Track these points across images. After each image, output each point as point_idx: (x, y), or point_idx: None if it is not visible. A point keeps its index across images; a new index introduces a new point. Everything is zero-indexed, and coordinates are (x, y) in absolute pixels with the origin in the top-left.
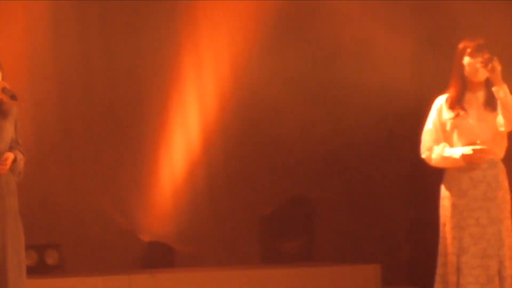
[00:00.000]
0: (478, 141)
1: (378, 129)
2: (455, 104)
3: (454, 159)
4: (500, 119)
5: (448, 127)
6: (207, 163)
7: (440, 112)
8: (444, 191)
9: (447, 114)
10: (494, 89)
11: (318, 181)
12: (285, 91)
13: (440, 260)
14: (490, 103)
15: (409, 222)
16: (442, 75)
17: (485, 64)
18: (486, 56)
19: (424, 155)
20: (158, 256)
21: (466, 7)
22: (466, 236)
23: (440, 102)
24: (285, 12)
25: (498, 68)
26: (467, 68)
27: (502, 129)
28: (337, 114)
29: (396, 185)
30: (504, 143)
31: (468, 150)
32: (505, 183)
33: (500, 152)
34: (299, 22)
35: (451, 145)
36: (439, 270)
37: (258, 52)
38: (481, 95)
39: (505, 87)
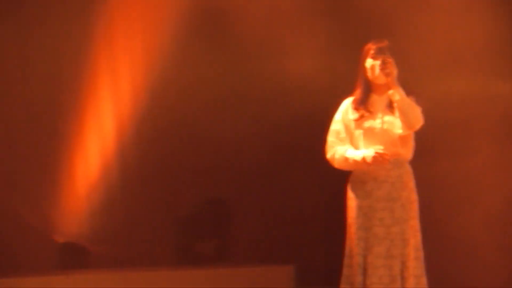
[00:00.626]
0: (382, 147)
1: (293, 129)
2: (360, 105)
3: (356, 161)
4: (398, 122)
5: (352, 128)
6: (121, 164)
7: (345, 113)
8: (349, 192)
9: (352, 116)
10: (390, 92)
11: (233, 182)
12: (201, 91)
13: (345, 261)
14: (392, 105)
15: (324, 223)
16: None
17: (382, 67)
18: (383, 59)
19: (328, 155)
20: (73, 257)
21: (379, 5)
22: (370, 236)
23: (346, 104)
24: (199, 10)
25: (394, 72)
26: (368, 71)
27: (399, 131)
28: (252, 115)
29: (311, 186)
30: (411, 144)
31: (369, 152)
32: (411, 184)
33: (406, 153)
34: (212, 21)
35: (356, 147)
36: (344, 271)
37: (173, 52)
38: (386, 97)
39: (400, 91)
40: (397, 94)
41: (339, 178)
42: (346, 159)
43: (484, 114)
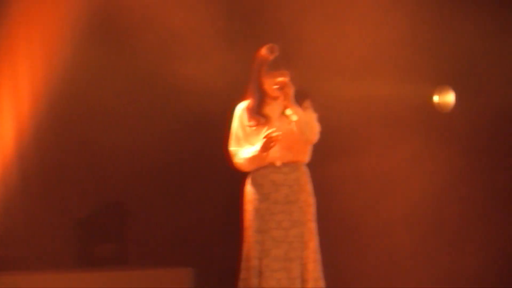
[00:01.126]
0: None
1: (191, 132)
2: (255, 111)
3: (255, 156)
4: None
5: (249, 133)
6: (21, 166)
7: (241, 119)
8: (246, 195)
9: (248, 122)
10: (287, 112)
11: (132, 185)
12: (99, 94)
13: (243, 264)
14: None
15: (222, 226)
16: None
17: (279, 88)
18: (280, 81)
19: (235, 162)
20: None
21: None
22: (268, 239)
23: (241, 109)
24: (97, 14)
25: (291, 92)
26: (264, 83)
27: (293, 142)
28: (151, 118)
29: (209, 189)
30: (308, 148)
31: (261, 144)
32: (308, 186)
33: (303, 156)
34: (111, 24)
35: None
36: (242, 274)
37: (71, 55)
38: (280, 102)
39: (298, 110)
40: (294, 115)
41: (237, 181)
42: (247, 159)
43: (394, 114)
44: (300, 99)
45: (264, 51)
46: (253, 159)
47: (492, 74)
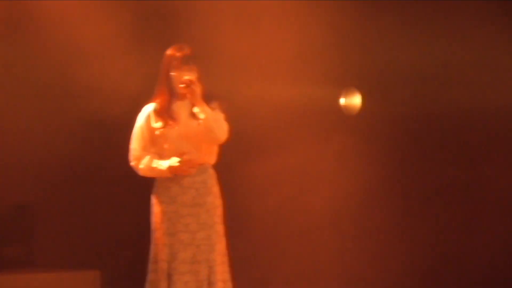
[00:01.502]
0: (186, 154)
1: (101, 134)
2: (163, 112)
3: (161, 170)
4: (202, 131)
5: (156, 135)
6: None
7: (148, 120)
8: (154, 198)
9: (156, 123)
10: (195, 110)
11: (39, 186)
12: (8, 93)
13: (151, 267)
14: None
15: (130, 228)
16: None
17: (186, 86)
18: (187, 79)
19: (132, 163)
20: None
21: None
22: (176, 242)
23: (148, 110)
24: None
25: (198, 90)
26: (173, 81)
27: (202, 142)
28: (60, 118)
29: (117, 191)
30: (215, 150)
31: (174, 162)
32: (215, 189)
33: (210, 158)
34: (17, 23)
35: (161, 153)
36: (150, 277)
37: None
38: (188, 103)
39: (206, 108)
40: (202, 113)
41: (145, 184)
42: (152, 168)
43: (302, 116)
44: (208, 100)
45: (172, 49)
46: (158, 172)
47: (398, 77)
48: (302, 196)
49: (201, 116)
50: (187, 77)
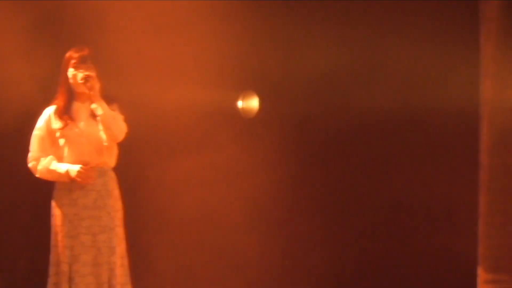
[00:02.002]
0: (89, 163)
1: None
2: (63, 114)
3: (59, 174)
4: (102, 134)
5: (56, 137)
6: None
7: (48, 121)
8: (55, 200)
9: (56, 124)
10: (92, 106)
11: None
12: None
13: (52, 270)
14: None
15: (30, 230)
16: None
17: (85, 82)
18: (86, 74)
19: (30, 164)
20: None
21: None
22: (77, 244)
23: (49, 112)
24: None
25: (97, 86)
26: (71, 80)
27: (105, 144)
28: None
29: (19, 193)
30: (115, 152)
31: (74, 167)
32: (116, 191)
33: (110, 161)
34: None
35: (61, 155)
36: (51, 279)
37: None
38: (89, 104)
39: (103, 105)
40: (99, 108)
41: (46, 186)
42: (50, 171)
43: (201, 119)
44: (108, 102)
45: (71, 51)
46: (56, 175)
47: (296, 79)
48: (205, 197)
49: (99, 112)
50: (85, 72)
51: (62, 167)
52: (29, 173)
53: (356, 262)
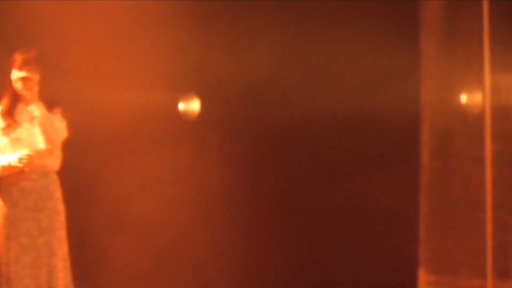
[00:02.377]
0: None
1: None
2: (7, 114)
3: (3, 167)
4: (39, 136)
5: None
6: None
7: None
8: None
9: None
10: (30, 108)
11: None
12: None
13: None
14: None
15: None
16: None
17: (23, 84)
18: (23, 76)
19: None
20: None
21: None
22: (16, 246)
23: None
24: None
25: (35, 88)
26: (14, 82)
27: (42, 146)
28: None
29: None
30: (57, 155)
31: (14, 157)
32: (57, 194)
33: (53, 163)
34: None
35: (2, 155)
36: None
37: None
38: (32, 107)
39: (41, 107)
40: (37, 110)
41: None
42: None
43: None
44: (51, 105)
45: (17, 53)
46: (4, 169)
47: (237, 81)
48: (149, 198)
49: (35, 113)
50: (24, 74)
51: (2, 160)
52: None
53: (298, 264)
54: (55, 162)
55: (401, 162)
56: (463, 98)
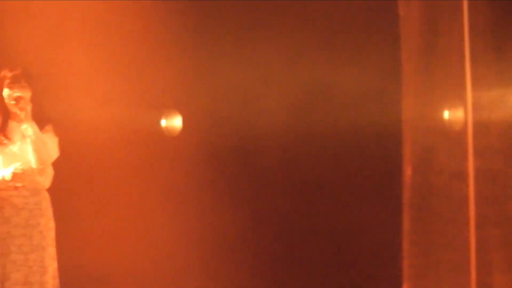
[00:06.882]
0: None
1: None
2: (0, 132)
3: None
4: (31, 156)
5: None
6: None
7: None
8: None
9: None
10: (22, 127)
11: None
12: None
13: None
14: None
15: None
16: None
17: (16, 103)
18: (16, 95)
19: None
20: None
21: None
22: (8, 262)
23: None
24: None
25: (27, 107)
26: (6, 100)
27: (33, 166)
28: None
29: None
30: (49, 173)
31: (8, 172)
32: (49, 211)
33: (43, 181)
34: None
35: None
36: None
37: None
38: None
39: (34, 127)
40: (29, 129)
41: None
42: None
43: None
44: (42, 123)
45: (4, 70)
46: None
47: (220, 97)
48: (133, 214)
49: (28, 133)
50: (17, 94)
51: None
52: None
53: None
54: (46, 179)
55: (383, 178)
56: (445, 114)
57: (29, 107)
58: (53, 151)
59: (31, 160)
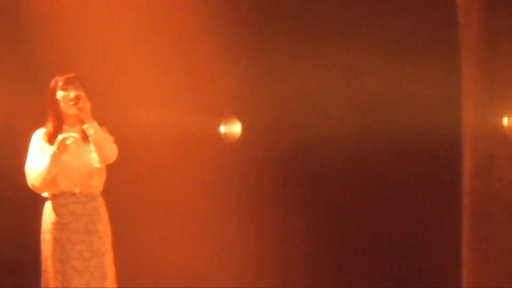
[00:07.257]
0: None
1: None
2: (53, 138)
3: (52, 158)
4: (94, 155)
5: None
6: None
7: (42, 141)
8: (45, 225)
9: (47, 148)
10: (84, 126)
11: None
12: None
13: None
14: (87, 137)
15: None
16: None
17: (75, 103)
18: (75, 95)
19: (30, 183)
20: None
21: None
22: (69, 269)
23: (40, 133)
24: None
25: (87, 106)
26: (61, 103)
27: (97, 165)
28: None
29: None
30: (102, 177)
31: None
32: (105, 216)
33: (98, 185)
34: None
35: (54, 180)
36: None
37: None
38: (78, 128)
39: (95, 125)
40: (91, 129)
41: (34, 210)
42: (41, 171)
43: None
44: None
45: (55, 78)
46: (51, 164)
47: (278, 105)
48: (190, 223)
49: (90, 132)
50: (74, 93)
51: (49, 152)
52: (14, 195)
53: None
54: (101, 184)
55: (444, 185)
56: (505, 120)
57: (88, 106)
58: (114, 147)
59: (94, 159)
